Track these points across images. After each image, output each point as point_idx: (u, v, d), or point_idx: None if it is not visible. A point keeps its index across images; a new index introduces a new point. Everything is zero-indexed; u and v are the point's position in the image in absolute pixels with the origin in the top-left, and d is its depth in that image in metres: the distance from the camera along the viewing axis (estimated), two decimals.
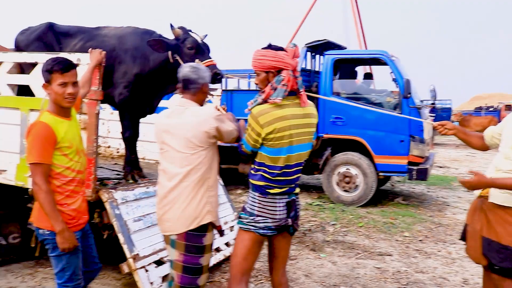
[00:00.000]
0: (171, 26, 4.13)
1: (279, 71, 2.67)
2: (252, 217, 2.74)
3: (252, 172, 2.82)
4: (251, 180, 2.82)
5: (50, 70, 2.68)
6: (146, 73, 4.32)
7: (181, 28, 4.16)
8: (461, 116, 23.79)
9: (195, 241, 2.73)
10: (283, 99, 2.63)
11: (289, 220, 2.78)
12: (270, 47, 2.73)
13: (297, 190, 2.90)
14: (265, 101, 2.68)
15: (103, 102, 5.06)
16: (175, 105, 2.81)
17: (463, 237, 3.11)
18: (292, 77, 2.67)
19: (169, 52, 4.12)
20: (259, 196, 2.74)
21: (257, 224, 2.73)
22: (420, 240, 6.21)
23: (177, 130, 2.68)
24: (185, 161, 2.68)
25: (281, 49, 2.71)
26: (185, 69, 2.82)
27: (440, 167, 13.88)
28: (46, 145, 2.62)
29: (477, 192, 2.91)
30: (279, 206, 2.75)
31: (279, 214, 2.74)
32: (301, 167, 2.85)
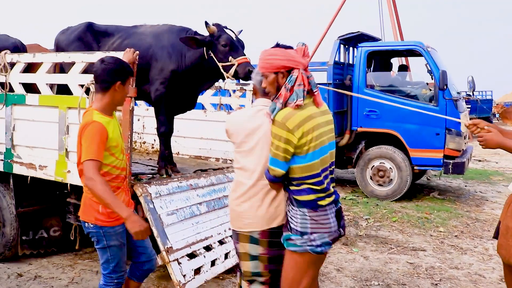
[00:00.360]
0: (206, 23, 4.20)
1: (289, 71, 2.49)
2: (306, 236, 2.47)
3: (296, 188, 2.53)
4: (296, 197, 2.53)
5: (131, 72, 2.90)
6: (182, 70, 4.41)
7: (216, 25, 4.22)
8: (502, 108, 23.02)
9: (277, 237, 2.67)
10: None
11: (341, 230, 2.60)
12: (278, 45, 2.55)
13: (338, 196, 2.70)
14: (284, 105, 2.47)
15: (139, 98, 5.22)
16: (260, 105, 2.74)
17: (496, 235, 3.03)
18: (305, 76, 2.49)
19: (204, 49, 4.20)
20: (309, 212, 2.48)
21: (314, 243, 2.47)
22: (456, 236, 6.11)
23: (265, 130, 2.63)
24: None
25: (290, 47, 2.55)
26: (257, 77, 2.75)
27: (479, 160, 13.52)
28: (101, 144, 2.72)
29: (510, 188, 2.84)
30: (332, 217, 2.54)
31: (333, 226, 2.53)
32: (333, 167, 2.67)
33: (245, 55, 4.18)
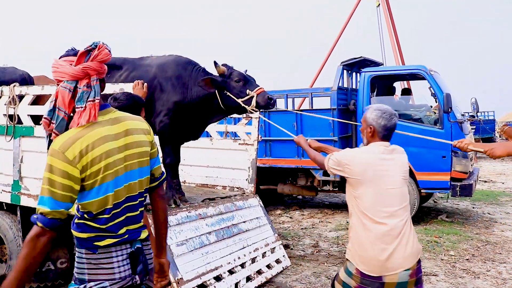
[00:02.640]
0: (215, 63, 4.32)
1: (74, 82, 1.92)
2: (83, 285, 1.92)
3: (76, 220, 1.97)
4: (74, 233, 1.98)
5: (143, 103, 2.90)
6: (187, 102, 4.46)
7: (224, 65, 4.36)
8: (505, 126, 23.04)
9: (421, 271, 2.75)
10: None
11: (137, 278, 1.99)
12: (73, 51, 1.97)
13: (144, 234, 2.09)
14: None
15: None
16: (384, 145, 2.77)
17: None
18: (66, 90, 1.88)
19: (216, 91, 4.32)
20: (86, 253, 1.93)
21: None
22: (467, 259, 6.02)
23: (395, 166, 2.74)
24: (403, 198, 2.73)
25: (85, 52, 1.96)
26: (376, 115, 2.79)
27: (485, 181, 13.44)
28: None
29: None
30: (118, 261, 1.96)
31: (121, 272, 1.95)
32: (136, 202, 2.04)
33: (259, 85, 4.30)
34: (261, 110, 4.43)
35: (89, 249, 1.92)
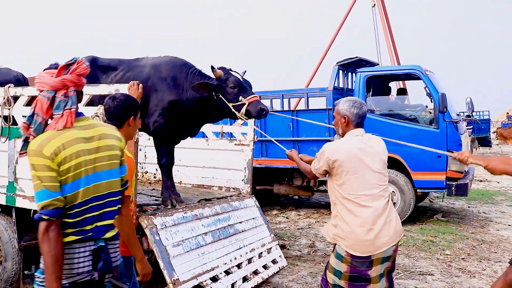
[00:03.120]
0: (212, 68, 4.33)
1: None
2: (44, 276, 2.04)
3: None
4: None
5: (140, 106, 2.93)
6: (183, 102, 4.46)
7: (222, 68, 4.34)
8: (499, 128, 23.12)
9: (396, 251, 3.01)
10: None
11: (96, 274, 2.10)
12: (55, 65, 2.19)
13: (110, 233, 2.23)
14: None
15: (140, 130, 5.24)
16: (361, 135, 3.03)
17: None
18: (45, 98, 2.09)
19: (212, 93, 4.31)
20: None
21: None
22: (463, 259, 6.04)
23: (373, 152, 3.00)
24: (382, 180, 2.98)
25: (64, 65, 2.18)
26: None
27: (480, 181, 13.49)
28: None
29: None
30: (80, 257, 2.08)
31: (80, 268, 2.07)
32: (103, 201, 2.18)
33: (254, 94, 4.28)
34: (251, 118, 4.43)
35: None
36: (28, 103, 4.49)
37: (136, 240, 2.63)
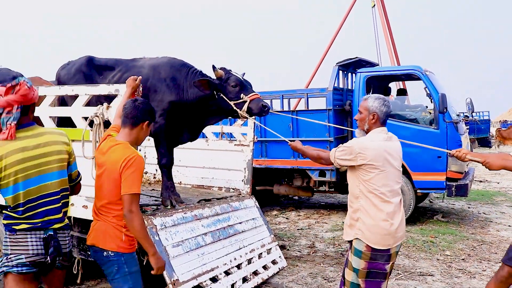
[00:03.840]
0: (214, 67, 4.35)
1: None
2: (5, 257, 2.59)
3: (3, 211, 2.71)
4: (2, 220, 2.77)
5: (154, 118, 3.12)
6: (182, 102, 4.46)
7: (223, 68, 4.37)
8: (499, 130, 23.14)
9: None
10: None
11: (48, 258, 2.61)
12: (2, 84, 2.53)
13: (58, 225, 2.69)
14: None
15: None
16: (386, 133, 3.18)
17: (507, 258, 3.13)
18: None
19: (214, 92, 4.32)
20: (9, 234, 2.59)
21: (10, 262, 2.56)
22: (463, 259, 6.03)
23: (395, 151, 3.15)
24: (400, 178, 3.18)
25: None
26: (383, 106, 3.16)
27: (480, 181, 13.49)
28: (141, 179, 2.91)
29: None
30: (32, 242, 2.58)
31: (33, 250, 2.58)
32: (54, 198, 2.65)
33: (254, 91, 4.31)
34: (252, 116, 4.43)
35: (10, 231, 2.57)
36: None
37: (146, 235, 2.82)
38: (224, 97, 4.29)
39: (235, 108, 4.28)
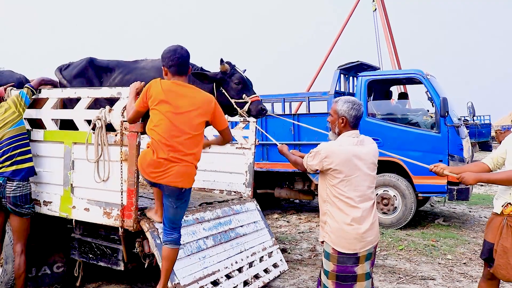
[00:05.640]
0: (221, 60, 4.34)
1: None
2: None
3: None
4: None
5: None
6: None
7: (228, 63, 4.36)
8: (499, 132, 23.13)
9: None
10: None
11: (5, 201, 3.81)
12: None
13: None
14: None
15: (143, 133, 5.23)
16: (357, 136, 3.14)
17: (489, 257, 3.36)
18: None
19: (214, 85, 4.30)
20: None
21: None
22: (464, 263, 6.02)
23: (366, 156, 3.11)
24: (372, 183, 3.14)
25: None
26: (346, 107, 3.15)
27: (481, 185, 13.47)
28: None
29: (497, 210, 3.40)
30: None
31: None
32: None
33: (255, 93, 4.34)
34: (250, 117, 4.46)
35: None
36: (30, 106, 4.50)
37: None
38: (226, 94, 4.29)
39: (235, 106, 4.30)
